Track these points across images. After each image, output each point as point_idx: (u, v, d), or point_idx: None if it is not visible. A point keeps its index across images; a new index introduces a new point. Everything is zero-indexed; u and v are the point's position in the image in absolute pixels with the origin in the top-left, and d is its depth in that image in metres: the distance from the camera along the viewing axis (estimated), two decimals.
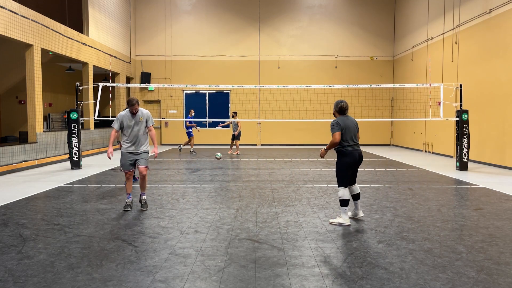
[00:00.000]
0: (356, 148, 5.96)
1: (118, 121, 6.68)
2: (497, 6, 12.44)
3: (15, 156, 11.53)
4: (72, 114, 12.11)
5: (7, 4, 11.22)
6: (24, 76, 13.21)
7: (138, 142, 6.71)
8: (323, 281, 3.85)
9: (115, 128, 6.70)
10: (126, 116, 6.68)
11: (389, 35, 21.63)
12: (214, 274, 4.03)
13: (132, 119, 6.66)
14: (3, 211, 6.67)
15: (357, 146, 5.98)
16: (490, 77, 12.86)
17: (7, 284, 3.77)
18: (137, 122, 6.65)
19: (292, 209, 6.83)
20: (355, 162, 5.95)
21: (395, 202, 7.38)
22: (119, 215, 6.39)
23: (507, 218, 6.21)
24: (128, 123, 6.66)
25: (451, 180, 10.11)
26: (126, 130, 6.65)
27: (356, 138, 5.99)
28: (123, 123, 6.67)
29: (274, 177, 10.43)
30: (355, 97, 20.67)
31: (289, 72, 21.42)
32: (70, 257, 4.48)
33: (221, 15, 21.48)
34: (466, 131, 11.70)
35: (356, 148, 5.96)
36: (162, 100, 21.56)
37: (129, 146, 6.68)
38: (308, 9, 21.57)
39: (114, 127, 6.70)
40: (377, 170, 11.73)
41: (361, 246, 4.88)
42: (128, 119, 6.66)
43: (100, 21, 17.37)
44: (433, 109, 15.92)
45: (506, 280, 3.88)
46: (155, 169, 11.81)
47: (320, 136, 21.43)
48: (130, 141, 6.67)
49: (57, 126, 18.42)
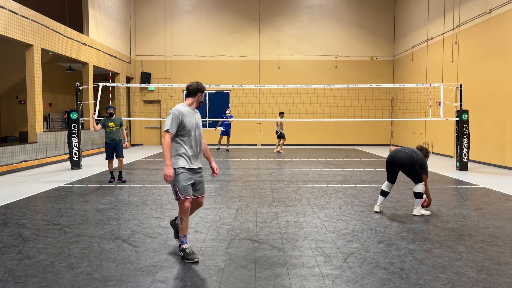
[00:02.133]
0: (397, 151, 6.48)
1: (176, 121, 4.32)
2: (497, 6, 12.44)
3: (15, 156, 11.53)
4: (72, 114, 12.11)
5: (7, 4, 11.22)
6: (24, 76, 13.21)
7: (200, 154, 4.55)
8: (323, 281, 3.85)
9: (172, 133, 4.32)
10: (187, 112, 4.43)
11: (389, 35, 21.63)
12: (214, 274, 4.03)
13: (193, 116, 4.49)
14: (3, 211, 6.67)
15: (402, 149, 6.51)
16: (490, 77, 12.86)
17: (7, 284, 3.77)
18: (198, 122, 4.52)
19: (292, 209, 6.83)
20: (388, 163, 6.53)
21: (395, 202, 7.38)
22: (119, 215, 6.39)
23: (507, 218, 6.21)
24: (191, 122, 4.42)
25: (451, 180, 10.11)
26: (185, 133, 4.39)
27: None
28: (183, 123, 4.36)
29: (274, 177, 10.43)
30: (355, 97, 20.68)
31: (289, 72, 21.42)
32: (70, 257, 4.48)
33: (221, 15, 21.48)
34: (466, 131, 11.70)
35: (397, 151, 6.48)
36: (162, 100, 21.56)
37: (191, 158, 4.43)
38: (308, 9, 21.57)
39: (171, 131, 4.31)
40: (377, 170, 11.73)
41: (361, 246, 4.89)
42: (190, 117, 4.43)
43: (100, 21, 17.37)
44: (433, 109, 15.91)
45: (506, 280, 3.88)
46: (155, 169, 11.82)
47: (320, 136, 21.44)
48: (193, 152, 4.44)
49: (57, 126, 18.42)
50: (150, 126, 22.01)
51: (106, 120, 9.45)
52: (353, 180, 9.95)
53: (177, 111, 4.35)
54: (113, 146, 9.45)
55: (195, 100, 4.54)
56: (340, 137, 21.64)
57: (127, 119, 17.73)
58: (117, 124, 9.46)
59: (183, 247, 4.46)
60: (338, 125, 21.16)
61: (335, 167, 12.32)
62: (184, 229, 4.46)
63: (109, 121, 9.41)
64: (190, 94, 4.53)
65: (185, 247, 4.44)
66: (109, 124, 9.39)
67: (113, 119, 9.44)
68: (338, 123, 20.91)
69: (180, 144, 4.39)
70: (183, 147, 4.38)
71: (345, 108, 20.15)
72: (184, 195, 4.34)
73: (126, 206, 7.01)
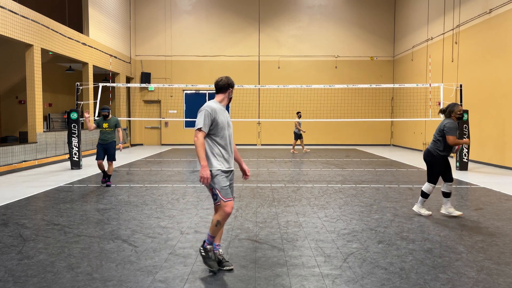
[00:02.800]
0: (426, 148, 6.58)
1: (209, 118, 3.99)
2: (497, 6, 12.44)
3: (15, 156, 11.53)
4: (72, 114, 12.11)
5: (7, 4, 11.22)
6: (24, 76, 13.21)
7: (232, 154, 4.21)
8: (323, 281, 3.85)
9: (205, 131, 3.99)
10: (219, 109, 4.10)
11: (389, 35, 21.63)
12: (214, 274, 4.03)
13: (224, 114, 4.15)
14: (3, 211, 6.67)
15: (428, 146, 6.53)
16: (490, 77, 12.86)
17: (7, 284, 3.77)
18: (229, 121, 4.20)
19: (292, 209, 6.83)
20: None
21: (395, 202, 7.38)
22: (119, 215, 6.39)
23: (507, 218, 6.20)
24: (224, 121, 4.09)
25: None
26: (218, 132, 4.06)
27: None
28: (215, 121, 4.03)
29: (274, 177, 10.43)
30: (355, 97, 20.69)
31: (289, 72, 21.42)
32: (70, 257, 4.48)
33: (221, 15, 21.48)
34: (466, 131, 11.70)
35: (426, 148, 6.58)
36: (162, 100, 21.56)
37: (226, 159, 4.09)
38: (308, 9, 21.57)
39: (204, 130, 3.98)
40: (377, 170, 11.73)
41: (361, 246, 4.88)
42: (222, 115, 4.10)
43: (100, 21, 17.37)
44: (433, 109, 15.91)
45: (506, 280, 3.88)
46: (155, 169, 11.82)
47: (320, 136, 21.43)
48: (226, 153, 4.10)
49: (57, 126, 18.42)
50: (150, 126, 22.01)
51: (101, 120, 9.07)
52: (353, 180, 9.95)
53: (209, 107, 4.01)
54: (104, 148, 8.97)
55: (225, 97, 4.21)
56: (340, 137, 21.64)
57: (127, 119, 17.75)
58: (111, 126, 9.02)
59: (207, 246, 4.09)
60: (338, 125, 21.16)
61: (335, 167, 12.32)
62: (217, 232, 4.08)
63: (104, 121, 9.02)
64: (221, 90, 4.19)
65: (209, 249, 4.08)
66: (103, 125, 9.00)
67: (108, 120, 9.04)
68: (338, 123, 20.91)
69: (213, 144, 4.04)
70: (216, 146, 4.04)
71: (345, 108, 20.16)
72: (226, 197, 4.00)
73: (126, 206, 7.01)
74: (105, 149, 8.98)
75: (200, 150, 3.91)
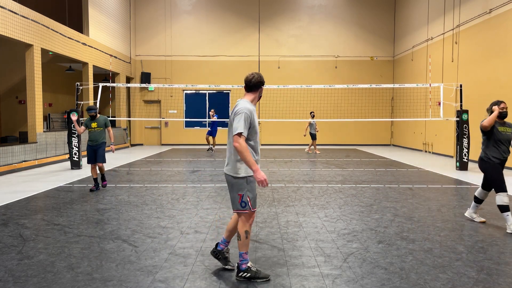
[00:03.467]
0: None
1: (248, 121, 3.73)
2: (497, 6, 12.44)
3: (15, 156, 11.53)
4: (72, 114, 12.09)
5: (7, 4, 11.22)
6: (24, 76, 13.21)
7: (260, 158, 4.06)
8: (323, 281, 3.85)
9: (245, 136, 3.69)
10: (253, 111, 3.84)
11: (389, 35, 21.63)
12: (214, 274, 4.03)
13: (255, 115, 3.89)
14: (3, 211, 6.67)
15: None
16: (490, 77, 12.86)
17: (7, 284, 3.77)
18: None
19: (292, 209, 6.83)
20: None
21: (395, 202, 7.38)
22: (119, 215, 6.39)
23: None
24: (257, 123, 3.86)
25: (451, 180, 10.10)
26: (252, 136, 3.82)
27: None
28: (252, 124, 3.78)
29: (274, 177, 10.43)
30: (355, 97, 20.69)
31: (289, 72, 21.42)
32: (70, 257, 4.48)
33: (221, 15, 21.47)
34: (466, 131, 11.70)
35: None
36: (162, 100, 21.56)
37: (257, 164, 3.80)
38: (308, 9, 21.57)
39: (245, 135, 3.69)
40: (377, 170, 11.73)
41: (361, 246, 4.88)
42: (255, 116, 3.85)
43: (100, 21, 17.37)
44: (433, 109, 15.91)
45: (506, 280, 3.88)
46: (155, 169, 11.82)
47: (320, 136, 21.41)
48: (258, 157, 3.92)
49: (57, 126, 18.42)
50: (150, 126, 22.01)
51: (88, 120, 8.54)
52: (353, 180, 9.95)
53: (248, 109, 3.70)
54: (93, 149, 8.45)
55: (256, 96, 3.93)
56: (340, 137, 21.64)
57: (127, 119, 17.74)
58: (101, 125, 8.52)
59: (248, 266, 3.83)
60: (338, 125, 21.15)
61: (335, 167, 12.32)
62: (247, 245, 3.85)
63: (92, 121, 8.50)
64: (252, 88, 3.89)
65: (250, 266, 3.84)
66: (92, 125, 8.47)
67: (96, 119, 8.50)
68: (338, 123, 20.91)
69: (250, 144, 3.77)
70: (251, 151, 3.75)
71: (345, 108, 20.16)
72: (254, 206, 3.88)
73: (126, 206, 7.01)
74: (95, 151, 8.48)
75: (247, 155, 3.60)
